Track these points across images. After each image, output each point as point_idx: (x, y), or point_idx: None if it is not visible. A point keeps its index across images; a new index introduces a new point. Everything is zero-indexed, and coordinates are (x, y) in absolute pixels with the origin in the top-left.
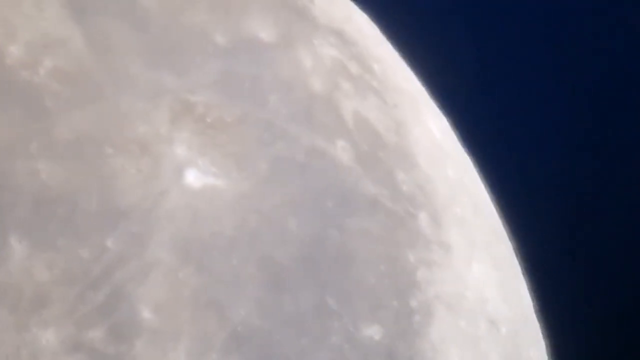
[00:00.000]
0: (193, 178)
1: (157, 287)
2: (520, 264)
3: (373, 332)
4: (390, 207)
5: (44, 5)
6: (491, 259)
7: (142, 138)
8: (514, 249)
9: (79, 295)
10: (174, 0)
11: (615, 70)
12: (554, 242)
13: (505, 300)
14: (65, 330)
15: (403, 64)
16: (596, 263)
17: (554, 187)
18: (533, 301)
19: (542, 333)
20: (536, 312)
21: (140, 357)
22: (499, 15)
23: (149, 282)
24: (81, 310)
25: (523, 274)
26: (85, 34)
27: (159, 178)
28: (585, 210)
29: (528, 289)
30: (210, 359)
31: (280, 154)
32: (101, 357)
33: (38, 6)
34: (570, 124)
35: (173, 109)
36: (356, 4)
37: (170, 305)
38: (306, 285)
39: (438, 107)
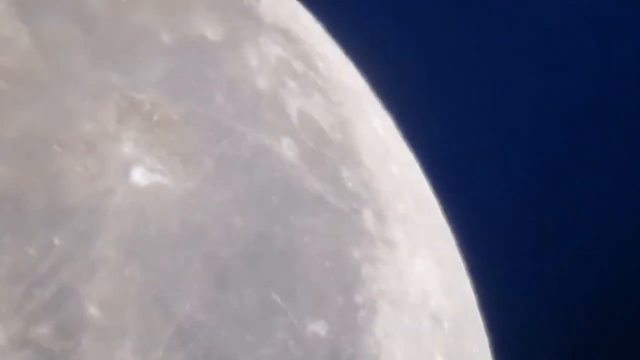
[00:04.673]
0: (140, 176)
1: (103, 285)
2: (463, 260)
3: (318, 327)
4: (335, 204)
5: None
6: (434, 255)
7: (88, 136)
8: (456, 245)
9: (25, 292)
10: None
11: (557, 72)
12: (496, 239)
13: (448, 296)
14: (13, 327)
15: (347, 62)
16: (539, 259)
17: (497, 184)
18: (475, 297)
19: (485, 328)
20: (479, 307)
21: (86, 353)
22: (442, 13)
23: (95, 280)
24: (28, 307)
25: (466, 270)
26: (32, 33)
27: (105, 176)
28: (528, 207)
29: (471, 285)
30: (156, 355)
31: (226, 152)
32: (48, 354)
33: None
34: (515, 122)
35: (120, 107)
36: (301, 3)
37: (116, 302)
38: (251, 281)
39: (382, 104)
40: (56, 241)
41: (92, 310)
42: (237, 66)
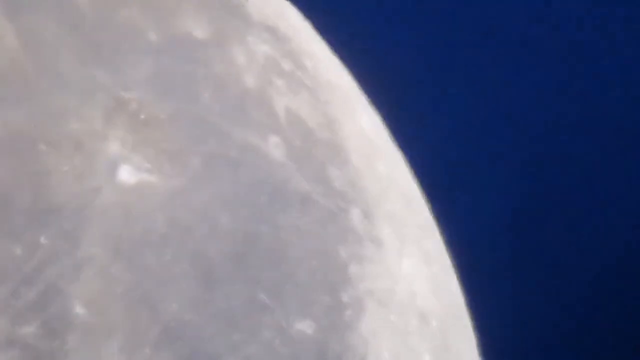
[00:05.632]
0: (127, 175)
1: (90, 283)
2: (450, 258)
3: (305, 326)
4: (322, 203)
5: None
6: (422, 253)
7: (75, 135)
8: (444, 244)
9: (12, 291)
10: None
11: (546, 72)
12: (484, 237)
13: (435, 295)
14: None
15: (335, 60)
16: (525, 258)
17: (483, 182)
18: (463, 295)
19: (472, 327)
20: (466, 306)
21: (73, 352)
22: (429, 12)
23: (81, 279)
24: (14, 306)
25: (453, 268)
26: (18, 31)
27: (92, 175)
28: (514, 206)
29: (458, 283)
30: (143, 354)
31: (213, 150)
32: (35, 353)
33: None
34: (503, 120)
35: (106, 106)
36: (289, 1)
37: (102, 301)
38: (238, 280)
39: (369, 103)
40: (42, 240)
41: (79, 309)
42: (224, 64)
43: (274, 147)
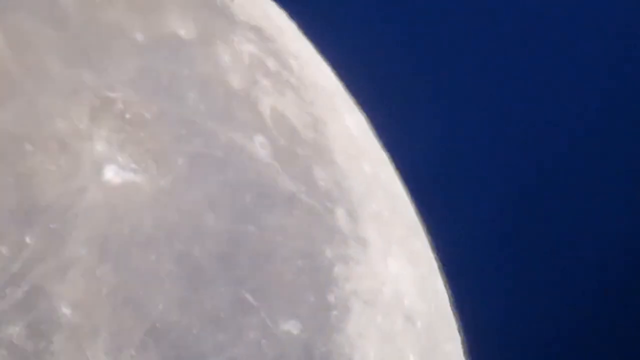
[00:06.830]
0: (112, 174)
1: (76, 284)
2: (436, 259)
3: (291, 327)
4: (308, 203)
5: None
6: (407, 254)
7: (61, 135)
8: (429, 244)
9: None
10: None
11: (534, 72)
12: (469, 237)
13: (421, 295)
14: None
15: (320, 61)
16: (511, 259)
17: (469, 182)
18: (448, 296)
19: (458, 327)
20: (452, 306)
21: (59, 353)
22: (415, 12)
23: (67, 279)
24: (0, 306)
25: (438, 268)
26: (4, 32)
27: (78, 174)
28: (500, 206)
29: (443, 283)
30: (128, 355)
31: (199, 150)
32: (20, 353)
33: None
34: (489, 120)
35: (92, 106)
36: (274, 2)
37: (88, 302)
38: (224, 281)
39: (354, 103)
40: (28, 240)
41: (65, 310)
42: (210, 64)
43: (260, 146)
